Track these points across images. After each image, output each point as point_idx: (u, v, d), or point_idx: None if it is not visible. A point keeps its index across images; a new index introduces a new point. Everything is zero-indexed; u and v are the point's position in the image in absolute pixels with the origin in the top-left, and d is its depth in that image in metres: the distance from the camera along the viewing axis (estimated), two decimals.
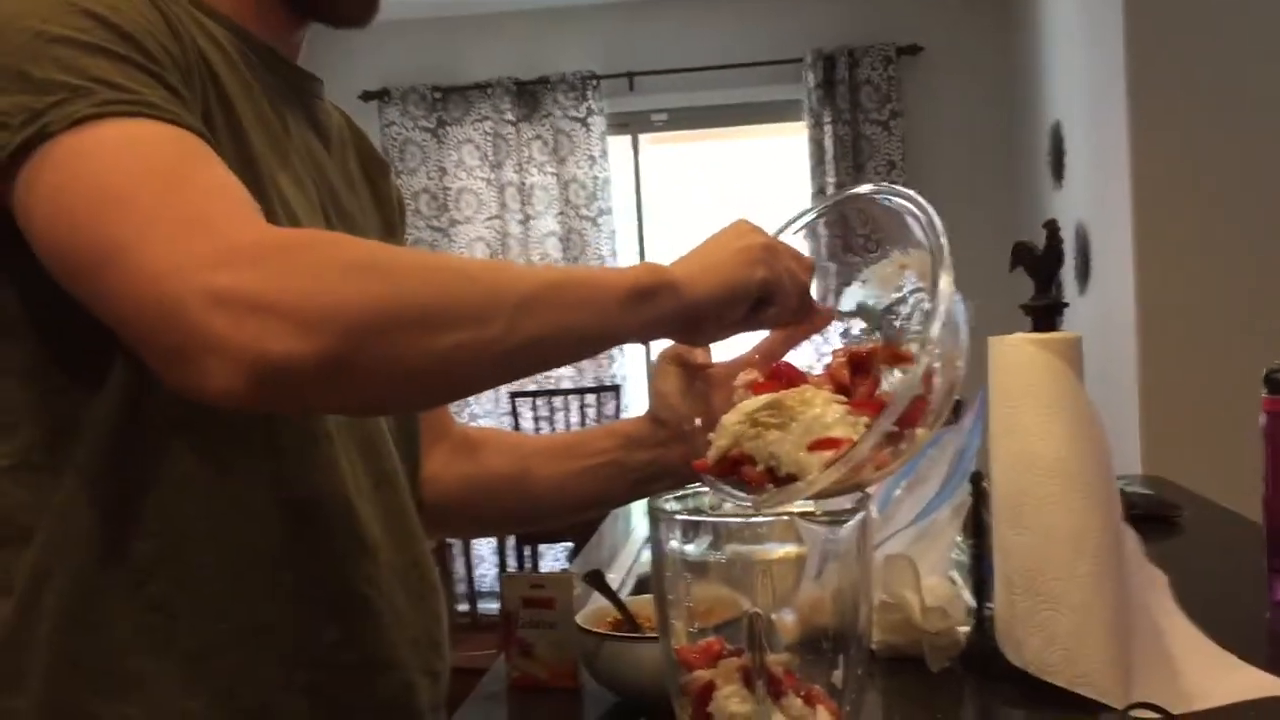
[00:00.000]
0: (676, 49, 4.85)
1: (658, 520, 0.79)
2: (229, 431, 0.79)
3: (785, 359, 0.88)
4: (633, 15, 4.90)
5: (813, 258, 0.86)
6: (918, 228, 0.80)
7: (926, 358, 0.72)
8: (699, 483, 0.80)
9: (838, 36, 4.74)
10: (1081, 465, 0.95)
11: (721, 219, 0.86)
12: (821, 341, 0.89)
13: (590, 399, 4.90)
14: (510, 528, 2.76)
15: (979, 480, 1.06)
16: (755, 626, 0.75)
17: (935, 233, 0.78)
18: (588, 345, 0.75)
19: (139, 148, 0.68)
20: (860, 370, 0.78)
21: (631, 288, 0.74)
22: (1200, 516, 1.68)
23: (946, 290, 0.74)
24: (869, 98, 4.72)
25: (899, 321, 0.84)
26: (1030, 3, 4.30)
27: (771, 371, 0.83)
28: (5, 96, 0.68)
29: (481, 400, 4.98)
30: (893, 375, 0.80)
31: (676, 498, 0.83)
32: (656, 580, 0.81)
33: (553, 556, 4.69)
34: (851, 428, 0.74)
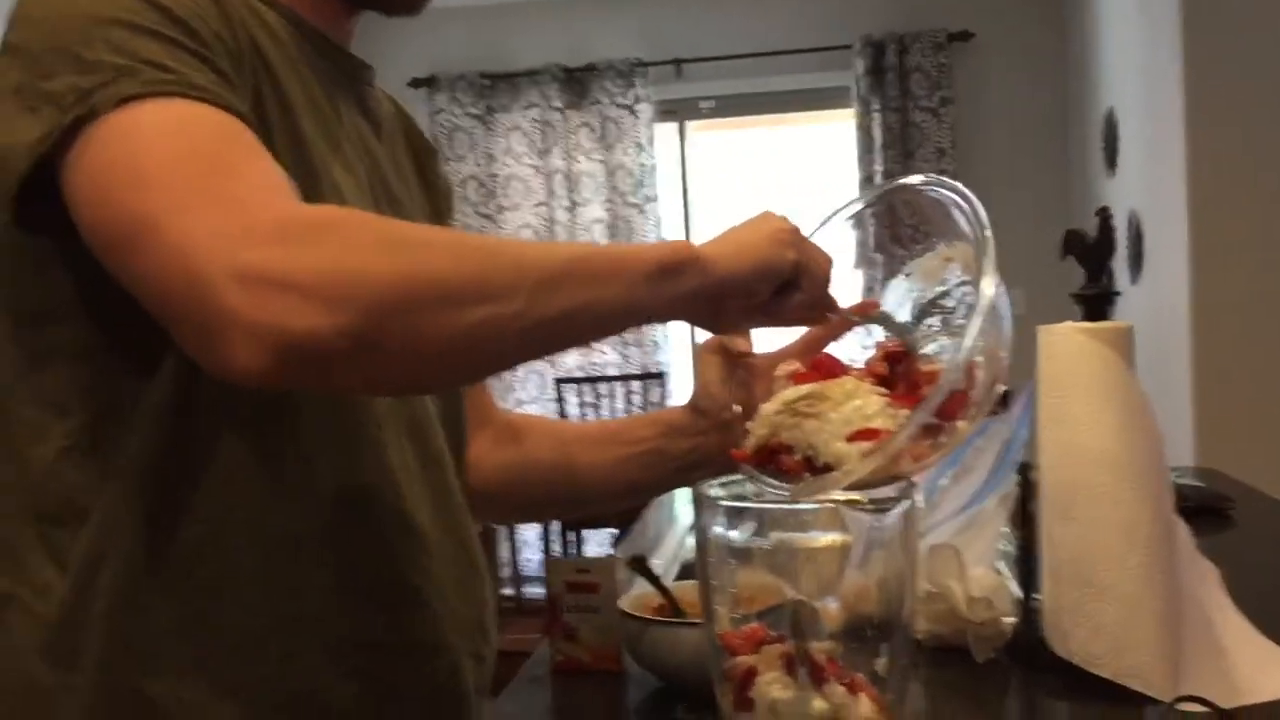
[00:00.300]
0: (724, 36, 4.83)
1: (702, 506, 0.80)
2: (279, 419, 0.80)
3: (827, 350, 0.88)
4: (681, 2, 4.88)
5: (830, 256, 0.86)
6: (963, 219, 0.79)
7: (968, 348, 0.72)
8: (738, 472, 0.80)
9: (887, 23, 4.70)
10: (1132, 456, 0.94)
11: (768, 207, 0.85)
12: (865, 334, 0.88)
13: (636, 386, 4.91)
14: (551, 514, 2.78)
15: (1027, 471, 1.05)
16: (799, 614, 0.75)
17: (980, 224, 0.77)
18: (613, 321, 0.75)
19: (180, 127, 0.69)
20: (897, 364, 0.77)
21: (658, 263, 0.73)
22: (1253, 510, 1.66)
23: (989, 283, 0.73)
24: (919, 84, 4.68)
25: (944, 314, 0.84)
26: None
27: (813, 363, 0.83)
28: (58, 78, 0.70)
29: (528, 387, 5.01)
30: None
31: (721, 484, 0.83)
32: (701, 565, 0.81)
33: (597, 542, 4.70)
34: (892, 419, 0.74)
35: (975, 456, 1.20)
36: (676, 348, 5.00)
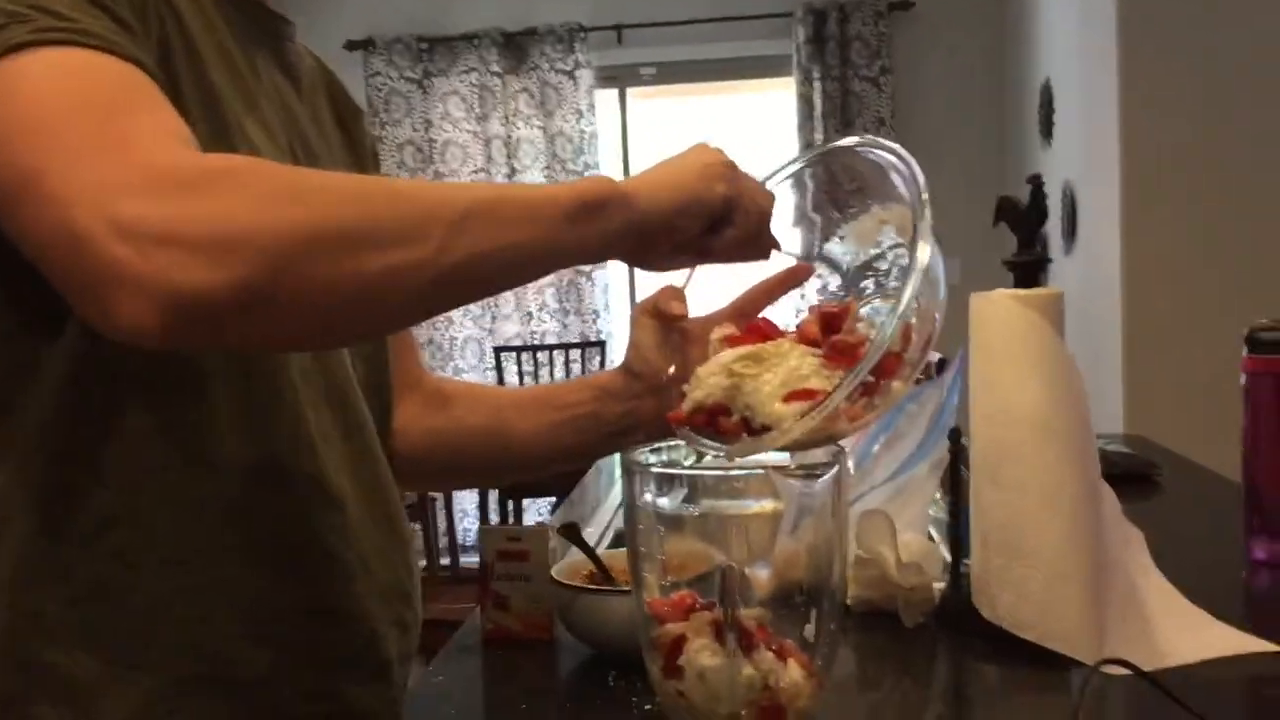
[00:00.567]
0: (665, 2, 4.79)
1: (632, 474, 0.79)
2: (188, 384, 0.78)
3: (763, 315, 0.87)
4: None
5: (771, 193, 0.84)
6: (900, 182, 0.79)
7: (902, 309, 0.71)
8: (674, 436, 0.79)
9: None
10: (1058, 422, 0.95)
11: (704, 139, 0.84)
12: (800, 298, 0.88)
13: (575, 354, 4.89)
14: (484, 480, 2.75)
15: (957, 436, 1.06)
16: (728, 580, 0.74)
17: (917, 187, 0.76)
18: (532, 264, 0.72)
19: (71, 75, 0.66)
20: (832, 328, 0.77)
21: (577, 199, 0.71)
22: (1180, 476, 1.69)
23: (924, 245, 0.73)
24: (859, 54, 4.68)
25: (877, 277, 0.83)
26: None
27: (748, 327, 0.82)
28: None
29: (466, 355, 4.97)
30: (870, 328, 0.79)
31: (652, 450, 0.82)
32: (630, 534, 0.80)
33: (536, 510, 4.70)
34: (827, 380, 0.73)
35: (908, 422, 1.20)
36: (616, 316, 4.98)
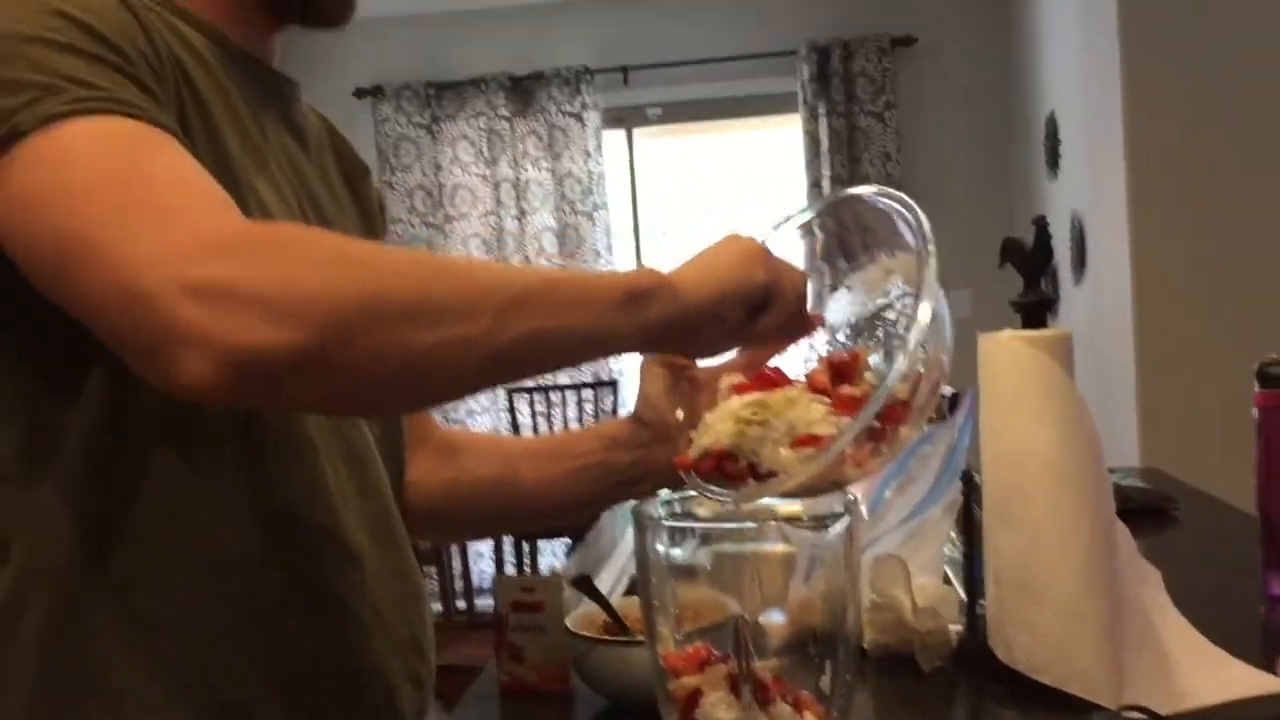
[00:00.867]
0: (670, 42, 4.84)
1: (643, 526, 0.79)
2: (209, 441, 0.79)
3: (771, 363, 0.88)
4: (626, 9, 4.88)
5: (804, 270, 0.86)
6: (907, 231, 0.79)
7: (906, 361, 0.72)
8: (684, 484, 0.80)
9: (831, 28, 4.73)
10: (1071, 463, 0.95)
11: (717, 212, 0.84)
12: (808, 348, 0.88)
13: (588, 394, 4.89)
14: (495, 530, 2.76)
15: (970, 478, 1.05)
16: (741, 632, 0.74)
17: (922, 236, 0.77)
18: (580, 350, 0.73)
19: (110, 143, 0.67)
20: (841, 377, 0.77)
21: (628, 288, 0.72)
22: (1196, 510, 1.68)
23: (926, 306, 0.74)
24: (863, 90, 4.71)
25: (886, 326, 0.84)
26: None
27: (756, 375, 0.83)
28: None
29: (479, 397, 4.98)
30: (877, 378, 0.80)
31: (664, 502, 0.82)
32: (643, 586, 0.80)
33: (551, 552, 4.69)
34: (834, 426, 0.74)
35: (920, 465, 1.20)
36: (629, 357, 4.98)
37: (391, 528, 0.91)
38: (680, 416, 0.87)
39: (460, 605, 3.71)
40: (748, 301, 0.79)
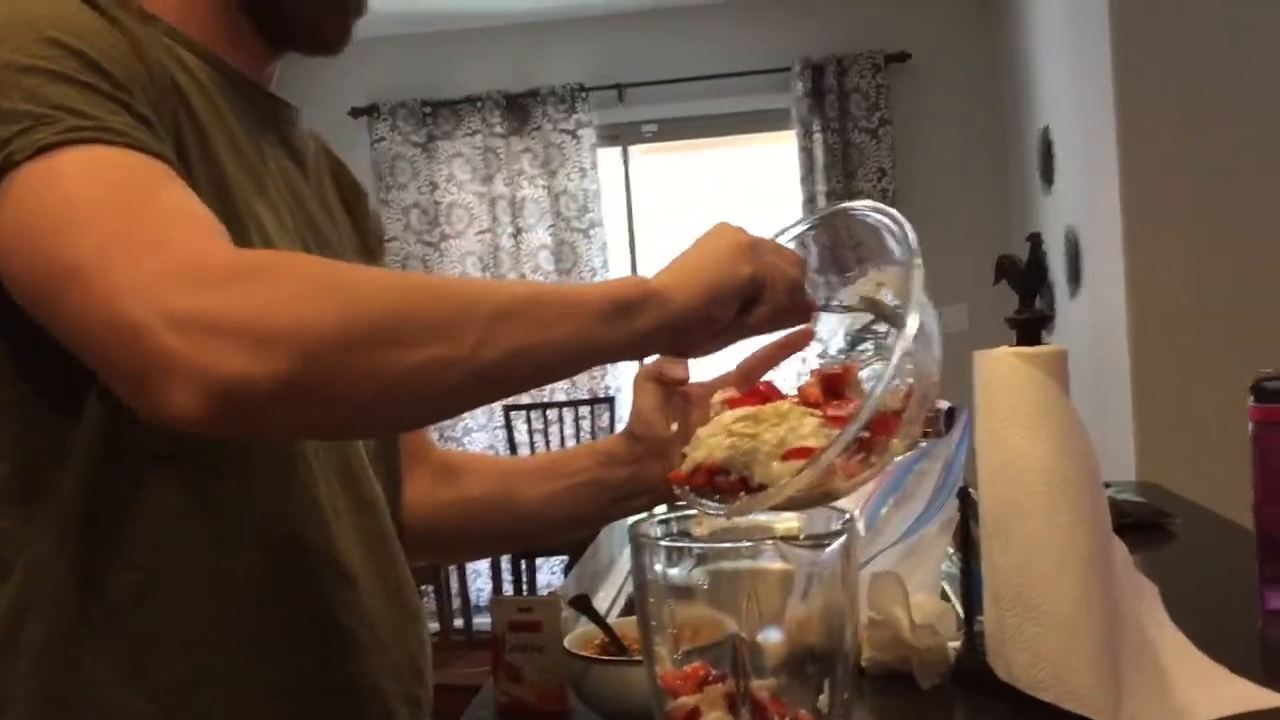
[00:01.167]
0: (665, 60, 4.86)
1: (640, 546, 0.79)
2: (207, 463, 0.79)
3: (765, 378, 0.88)
4: (621, 27, 4.90)
5: (798, 256, 0.85)
6: (894, 244, 0.80)
7: (892, 372, 0.72)
8: (677, 498, 0.80)
9: (825, 45, 4.75)
10: (1067, 479, 0.95)
11: (722, 218, 0.85)
12: (801, 362, 0.88)
13: (584, 411, 4.89)
14: (493, 550, 2.76)
15: (967, 495, 1.06)
16: (738, 651, 0.74)
17: (909, 249, 0.78)
18: (566, 363, 0.73)
19: (102, 172, 0.68)
20: (833, 390, 0.78)
21: (612, 300, 0.73)
22: (1193, 524, 1.68)
23: (915, 306, 0.74)
24: (858, 106, 4.73)
25: (877, 339, 0.84)
26: (1017, 8, 4.31)
27: (749, 390, 0.83)
28: None
29: (476, 415, 4.98)
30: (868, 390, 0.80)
31: (661, 521, 0.82)
32: (640, 606, 0.80)
33: (549, 569, 4.68)
34: (826, 438, 0.74)
35: (916, 482, 1.20)
36: (624, 372, 4.99)
37: (387, 546, 0.91)
38: (674, 428, 0.87)
39: (458, 624, 3.71)
40: (737, 297, 0.79)
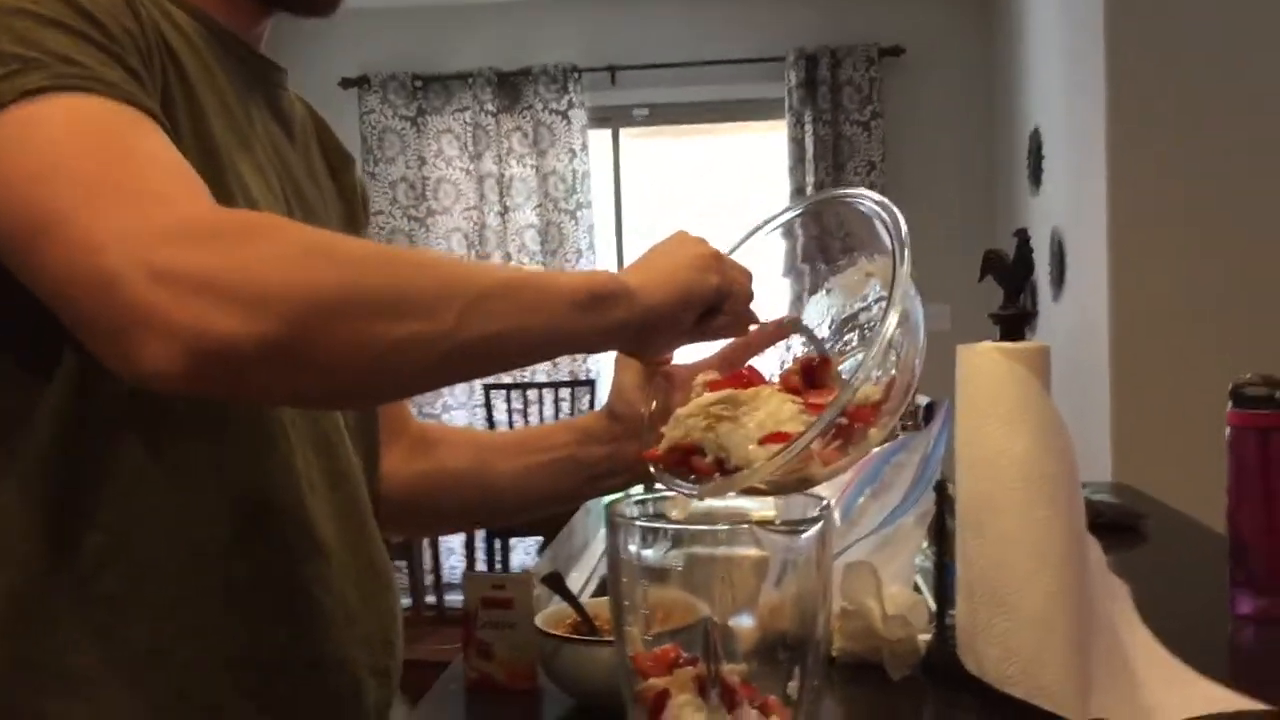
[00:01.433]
0: (659, 44, 4.84)
1: (616, 526, 0.78)
2: (180, 426, 0.78)
3: (748, 364, 0.88)
4: (616, 8, 4.88)
5: (750, 271, 0.87)
6: (885, 234, 0.80)
7: (873, 360, 0.72)
8: (653, 478, 0.80)
9: (820, 36, 4.74)
10: (1045, 475, 0.95)
11: (701, 214, 0.86)
12: (785, 349, 0.88)
13: (565, 393, 4.89)
14: (468, 524, 2.75)
15: (944, 488, 1.06)
16: (710, 635, 0.74)
17: (898, 239, 0.77)
18: (541, 348, 0.75)
19: (87, 121, 0.67)
20: (814, 379, 0.78)
21: (587, 291, 0.74)
22: (1166, 526, 1.69)
23: (900, 297, 0.74)
24: (850, 98, 4.73)
25: (862, 329, 0.84)
26: (1012, 8, 4.31)
27: (732, 374, 0.83)
28: None
29: (455, 393, 4.96)
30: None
31: (638, 501, 0.82)
32: (613, 586, 0.80)
33: (523, 549, 4.67)
34: (804, 424, 0.74)
35: (894, 473, 1.20)
36: (606, 355, 4.98)
37: (361, 518, 0.90)
38: (653, 406, 0.88)
39: (430, 600, 3.70)
40: (702, 304, 0.82)
